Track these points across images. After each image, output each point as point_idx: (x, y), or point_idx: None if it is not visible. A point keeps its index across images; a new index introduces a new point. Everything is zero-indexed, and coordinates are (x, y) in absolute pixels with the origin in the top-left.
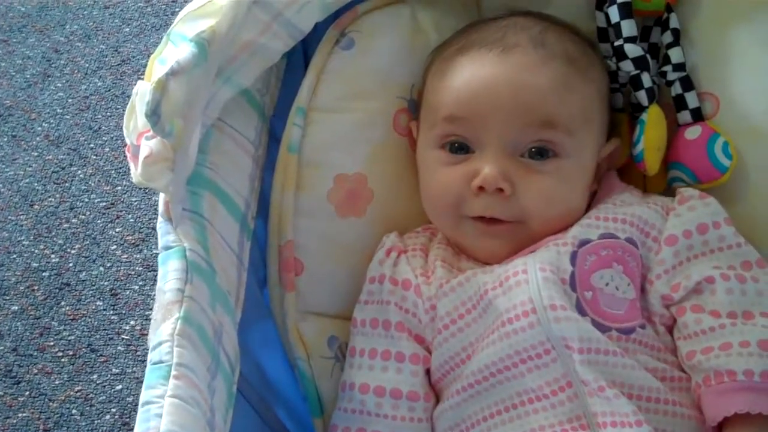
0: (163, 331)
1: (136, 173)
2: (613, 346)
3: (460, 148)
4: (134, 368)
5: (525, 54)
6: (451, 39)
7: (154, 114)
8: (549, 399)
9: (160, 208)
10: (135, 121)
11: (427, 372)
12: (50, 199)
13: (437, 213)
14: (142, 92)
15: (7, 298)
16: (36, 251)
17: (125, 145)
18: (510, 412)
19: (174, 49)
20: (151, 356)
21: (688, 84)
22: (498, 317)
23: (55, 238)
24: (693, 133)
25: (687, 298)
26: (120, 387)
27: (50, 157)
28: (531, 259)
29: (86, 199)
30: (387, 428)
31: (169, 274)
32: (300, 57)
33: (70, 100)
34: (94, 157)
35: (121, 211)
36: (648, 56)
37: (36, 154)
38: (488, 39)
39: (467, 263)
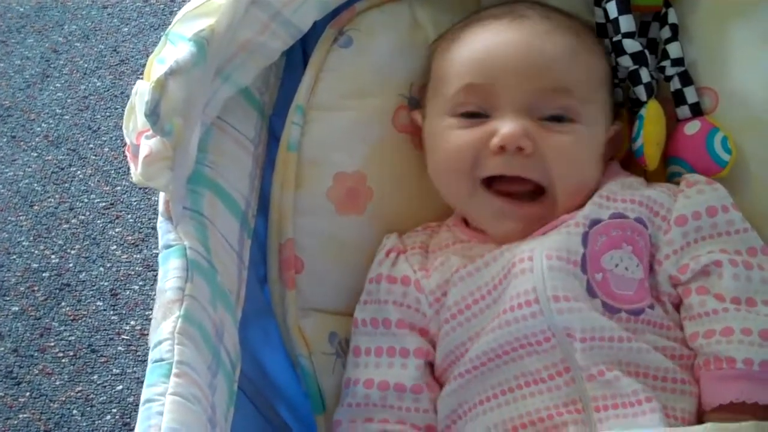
0: (164, 329)
1: (135, 173)
2: (619, 331)
3: (474, 114)
4: (135, 368)
5: (535, 23)
6: (455, 24)
7: (153, 113)
8: (546, 383)
9: (161, 207)
10: (134, 120)
11: (430, 364)
12: (50, 199)
13: (450, 179)
14: (141, 92)
15: (8, 298)
16: (36, 252)
17: (125, 145)
18: (507, 395)
19: (173, 49)
20: (152, 354)
21: (686, 79)
22: (501, 305)
23: (54, 239)
24: (692, 128)
25: (694, 280)
26: (120, 387)
27: (50, 157)
28: (539, 245)
29: (86, 200)
30: (393, 416)
31: (169, 273)
32: (299, 55)
33: (69, 101)
34: (94, 157)
35: (120, 211)
36: (646, 51)
37: (35, 154)
38: (497, 13)
39: (478, 247)
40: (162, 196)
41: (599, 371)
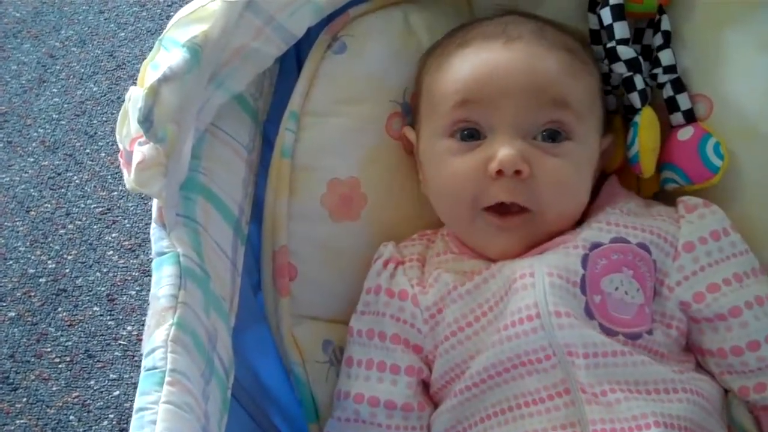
0: (157, 337)
1: (129, 179)
2: (620, 346)
3: (470, 135)
4: (131, 374)
5: (529, 44)
6: (444, 39)
7: (146, 120)
8: (545, 403)
9: (154, 213)
10: (128, 126)
11: (423, 383)
12: (46, 204)
13: (454, 207)
14: (134, 98)
15: (4, 304)
16: (32, 257)
17: (119, 151)
18: (506, 415)
19: (166, 55)
20: (145, 362)
21: (679, 86)
22: (502, 320)
23: (51, 244)
24: (685, 133)
25: (718, 329)
26: (117, 393)
27: (46, 162)
28: (538, 262)
29: (82, 205)
30: None
31: (162, 280)
32: (293, 61)
33: (65, 106)
34: (90, 162)
35: (117, 216)
36: (641, 58)
37: (32, 159)
38: (489, 33)
39: (470, 262)
40: (155, 202)
41: (602, 391)
